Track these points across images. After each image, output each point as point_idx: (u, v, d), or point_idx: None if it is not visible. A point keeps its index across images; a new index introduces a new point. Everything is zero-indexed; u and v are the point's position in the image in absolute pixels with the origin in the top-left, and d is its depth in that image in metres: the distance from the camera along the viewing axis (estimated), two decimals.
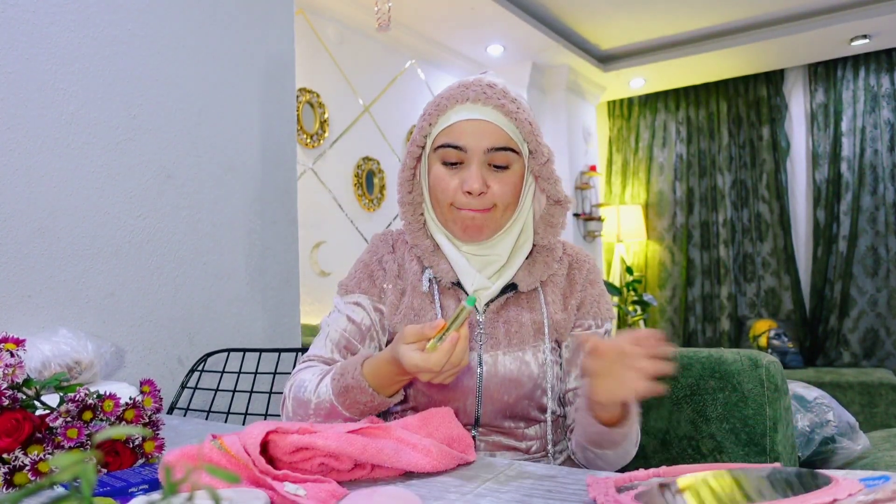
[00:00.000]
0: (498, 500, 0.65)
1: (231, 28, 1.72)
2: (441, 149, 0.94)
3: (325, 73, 3.23)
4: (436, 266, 0.99)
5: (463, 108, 0.93)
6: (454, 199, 0.94)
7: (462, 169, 0.93)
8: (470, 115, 0.92)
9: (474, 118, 0.92)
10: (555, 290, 1.01)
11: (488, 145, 0.92)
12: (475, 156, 0.92)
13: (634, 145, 5.44)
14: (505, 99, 0.92)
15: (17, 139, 1.29)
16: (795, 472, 0.58)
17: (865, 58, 4.57)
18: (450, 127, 0.93)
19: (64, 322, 1.34)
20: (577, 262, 1.04)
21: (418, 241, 1.00)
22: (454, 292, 0.99)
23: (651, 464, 1.19)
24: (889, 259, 4.48)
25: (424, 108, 0.97)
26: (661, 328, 5.26)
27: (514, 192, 0.94)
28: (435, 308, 0.98)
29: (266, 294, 1.79)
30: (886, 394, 3.21)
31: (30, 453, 0.70)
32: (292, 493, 0.62)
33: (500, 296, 0.98)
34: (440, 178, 0.94)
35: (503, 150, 0.92)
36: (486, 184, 0.92)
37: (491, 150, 0.92)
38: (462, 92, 0.93)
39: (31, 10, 1.32)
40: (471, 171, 0.92)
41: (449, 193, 0.94)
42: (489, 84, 0.94)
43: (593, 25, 4.17)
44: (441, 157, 0.94)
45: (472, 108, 0.92)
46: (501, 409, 0.95)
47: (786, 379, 1.11)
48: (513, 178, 0.94)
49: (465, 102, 0.92)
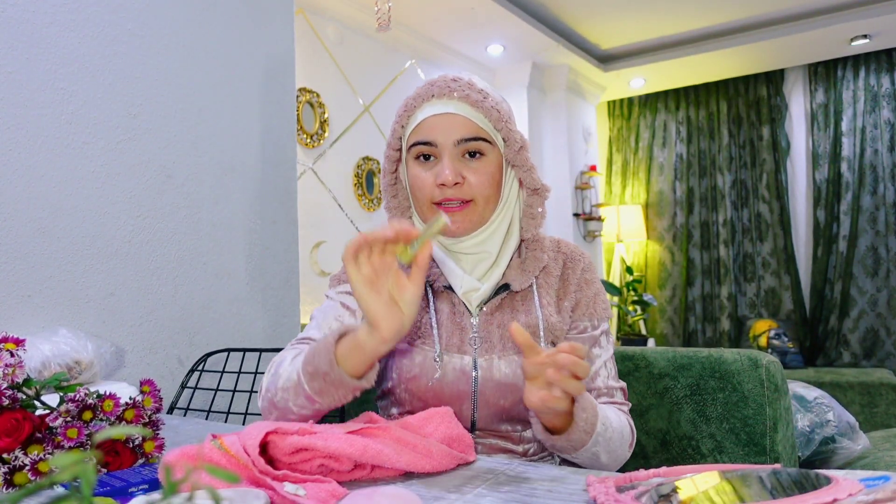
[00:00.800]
0: (498, 500, 0.65)
1: (231, 28, 1.72)
2: (414, 147, 0.94)
3: (325, 73, 3.23)
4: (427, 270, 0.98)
5: (429, 105, 0.94)
6: (432, 194, 0.93)
7: (435, 164, 0.93)
8: (436, 109, 0.93)
9: (441, 112, 0.92)
10: (549, 290, 0.99)
11: (457, 137, 0.92)
12: (446, 149, 0.92)
13: (634, 145, 5.44)
14: (470, 90, 0.93)
15: (17, 139, 1.29)
16: (795, 472, 0.58)
17: (865, 58, 4.57)
18: (419, 125, 0.94)
19: (64, 322, 1.34)
20: (572, 261, 1.02)
21: None
22: (448, 296, 0.98)
23: (651, 464, 1.19)
24: (889, 259, 4.48)
25: (396, 112, 0.98)
26: (660, 328, 5.27)
27: (491, 182, 0.94)
28: (429, 313, 0.96)
29: (266, 294, 1.79)
30: (886, 394, 3.21)
31: (30, 453, 0.70)
32: (292, 493, 0.62)
33: (494, 297, 0.96)
34: (416, 176, 0.94)
35: (474, 139, 0.92)
36: (462, 175, 0.92)
37: (461, 141, 0.92)
38: (427, 90, 0.94)
39: (31, 10, 1.32)
40: (443, 163, 0.92)
41: (426, 191, 0.93)
42: (453, 78, 0.95)
43: (593, 25, 4.17)
44: (414, 155, 0.95)
45: (438, 103, 0.93)
46: (498, 413, 0.94)
47: (786, 379, 1.11)
48: (489, 167, 0.93)
49: (431, 99, 0.93)
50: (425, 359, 0.94)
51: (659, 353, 1.21)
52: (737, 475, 0.59)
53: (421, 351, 0.95)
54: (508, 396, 0.93)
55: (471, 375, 0.93)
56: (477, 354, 0.94)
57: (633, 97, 5.44)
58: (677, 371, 1.17)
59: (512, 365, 0.93)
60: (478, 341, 0.94)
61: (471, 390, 0.93)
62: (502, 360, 0.93)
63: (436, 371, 0.93)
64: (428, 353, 0.94)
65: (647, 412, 1.20)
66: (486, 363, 0.93)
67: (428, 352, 0.94)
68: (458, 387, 0.93)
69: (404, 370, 0.95)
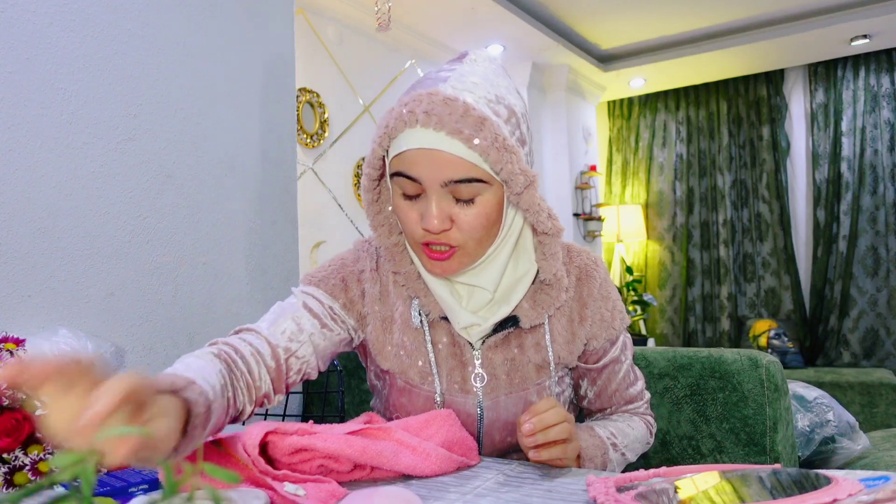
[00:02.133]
0: (498, 500, 0.65)
1: (231, 28, 1.72)
2: (396, 177, 0.79)
3: (325, 73, 3.23)
4: (422, 297, 0.88)
5: (413, 134, 0.76)
6: (417, 235, 0.80)
7: (421, 200, 0.79)
8: (421, 142, 0.75)
9: (426, 147, 0.75)
10: (561, 318, 0.90)
11: (445, 178, 0.76)
12: (432, 189, 0.77)
13: (634, 145, 5.44)
14: (463, 122, 0.74)
15: (17, 139, 1.29)
16: (796, 472, 0.58)
17: (865, 58, 4.57)
18: (402, 154, 0.78)
19: (64, 322, 1.34)
20: (587, 275, 0.91)
21: (400, 267, 0.88)
22: (445, 326, 0.89)
23: (651, 464, 1.19)
24: (889, 259, 4.47)
25: (378, 122, 0.81)
26: (660, 328, 5.26)
27: (486, 223, 0.79)
28: (426, 345, 0.88)
29: (266, 294, 1.79)
30: (886, 394, 3.21)
31: (30, 453, 0.70)
32: (292, 493, 0.62)
33: (500, 331, 0.87)
34: (401, 209, 0.81)
35: (466, 181, 0.76)
36: (451, 219, 0.78)
37: (449, 182, 0.76)
38: (410, 112, 0.76)
39: (31, 10, 1.31)
40: (429, 207, 0.77)
41: (410, 227, 0.80)
42: (444, 100, 0.75)
43: (593, 25, 4.17)
44: (399, 187, 0.80)
45: (423, 135, 0.75)
46: (504, 449, 0.91)
47: (786, 379, 1.11)
48: (484, 208, 0.78)
49: (416, 126, 0.75)
50: (426, 401, 0.88)
51: (659, 353, 1.21)
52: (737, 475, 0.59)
53: (420, 393, 0.88)
54: (515, 434, 0.86)
55: (475, 417, 0.88)
56: (482, 394, 0.87)
57: (633, 97, 5.44)
58: (677, 371, 1.17)
59: (520, 402, 0.87)
60: (481, 379, 0.87)
61: (476, 431, 0.89)
62: (509, 399, 0.87)
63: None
64: (429, 395, 0.88)
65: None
66: (492, 403, 0.87)
67: (429, 394, 0.88)
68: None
69: (405, 412, 0.90)
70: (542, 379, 0.88)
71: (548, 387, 0.89)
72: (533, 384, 0.88)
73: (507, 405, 0.87)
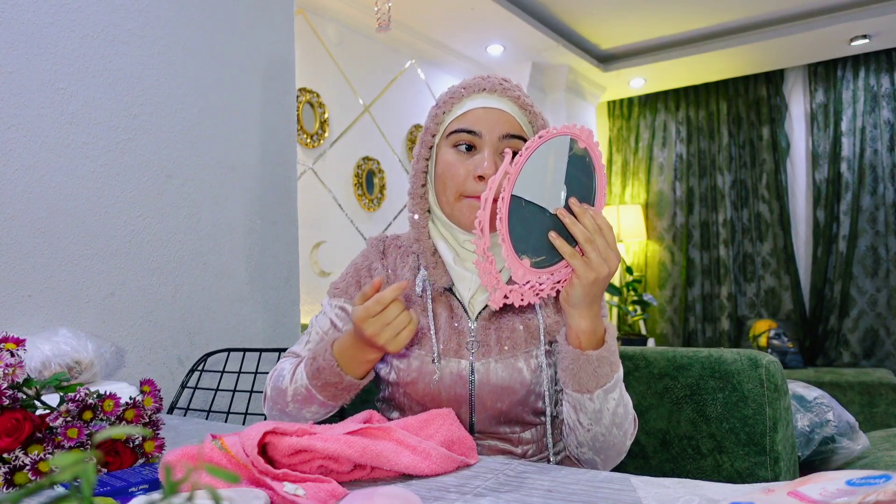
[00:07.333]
0: (498, 500, 0.65)
1: (231, 28, 1.72)
2: (454, 134, 0.93)
3: (325, 73, 3.23)
4: (431, 269, 0.97)
5: (479, 97, 0.94)
6: (463, 186, 0.92)
7: (474, 154, 0.93)
8: (486, 102, 0.93)
9: (490, 106, 0.93)
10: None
11: (503, 132, 0.92)
12: (489, 142, 0.92)
13: (634, 145, 5.44)
14: (520, 92, 0.95)
15: (17, 139, 1.29)
16: None
17: (865, 58, 4.56)
18: (465, 114, 0.94)
19: (64, 322, 1.34)
20: None
21: (422, 238, 0.98)
22: (446, 299, 0.97)
23: (651, 464, 1.19)
24: (889, 259, 4.48)
25: (437, 99, 0.98)
26: (660, 328, 5.26)
27: None
28: (427, 315, 0.96)
29: (266, 294, 1.79)
30: (886, 394, 3.21)
31: (30, 453, 0.70)
32: (292, 493, 0.62)
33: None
34: (450, 164, 0.93)
35: (517, 137, 0.92)
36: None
37: (506, 136, 0.92)
38: (479, 82, 0.94)
39: (31, 10, 1.32)
40: (484, 154, 0.91)
41: (458, 180, 0.93)
42: (504, 79, 0.95)
43: (593, 25, 4.17)
44: (453, 143, 0.94)
45: (489, 97, 0.93)
46: (495, 416, 0.94)
47: (786, 379, 1.11)
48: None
49: (482, 92, 0.94)
50: (423, 363, 0.94)
51: (659, 353, 1.21)
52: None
53: (418, 356, 0.94)
54: (505, 399, 0.92)
55: (468, 379, 0.93)
56: (474, 359, 0.93)
57: (633, 97, 5.44)
58: (677, 371, 1.18)
59: (508, 368, 0.92)
60: (475, 345, 0.94)
61: (468, 394, 0.93)
62: (499, 364, 0.93)
63: (433, 375, 0.93)
64: (425, 357, 0.94)
65: (647, 412, 1.20)
66: (483, 367, 0.93)
67: (425, 356, 0.94)
68: (456, 391, 0.93)
69: (402, 374, 0.95)
70: (531, 347, 0.94)
71: (535, 355, 0.93)
72: (521, 352, 0.93)
73: (497, 370, 0.93)
